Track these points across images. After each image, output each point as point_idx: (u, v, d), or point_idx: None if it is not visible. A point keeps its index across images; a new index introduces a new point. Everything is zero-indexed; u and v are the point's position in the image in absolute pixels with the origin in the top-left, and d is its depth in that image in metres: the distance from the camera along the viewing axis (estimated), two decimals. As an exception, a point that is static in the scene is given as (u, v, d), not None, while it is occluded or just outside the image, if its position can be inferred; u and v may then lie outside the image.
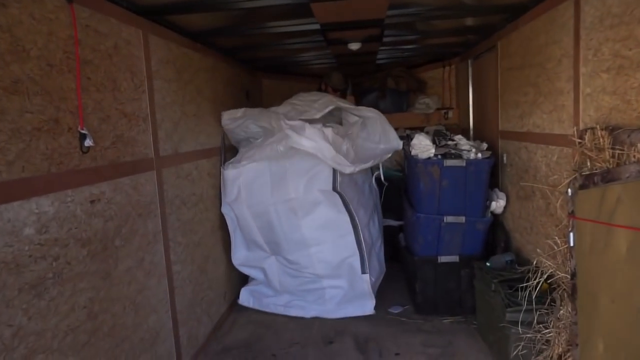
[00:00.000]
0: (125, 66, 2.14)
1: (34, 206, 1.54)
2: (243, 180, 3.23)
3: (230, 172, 3.22)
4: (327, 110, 3.30)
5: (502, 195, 3.22)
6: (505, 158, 3.25)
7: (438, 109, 4.62)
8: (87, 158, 1.82)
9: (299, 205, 3.15)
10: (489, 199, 3.21)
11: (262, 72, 4.83)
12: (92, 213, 1.84)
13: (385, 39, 3.42)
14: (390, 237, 3.97)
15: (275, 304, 3.41)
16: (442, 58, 4.76)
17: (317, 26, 2.92)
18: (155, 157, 2.38)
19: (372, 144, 3.33)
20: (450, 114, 4.59)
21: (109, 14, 2.02)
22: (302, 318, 3.33)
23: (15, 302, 1.44)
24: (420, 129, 4.39)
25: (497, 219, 3.31)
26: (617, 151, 1.66)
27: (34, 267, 1.52)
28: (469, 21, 3.22)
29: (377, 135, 3.34)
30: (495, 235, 3.29)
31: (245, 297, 3.50)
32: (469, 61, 4.19)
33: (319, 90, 4.39)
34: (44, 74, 1.61)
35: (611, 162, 1.70)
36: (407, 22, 3.02)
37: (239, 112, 3.29)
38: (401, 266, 3.95)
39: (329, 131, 3.03)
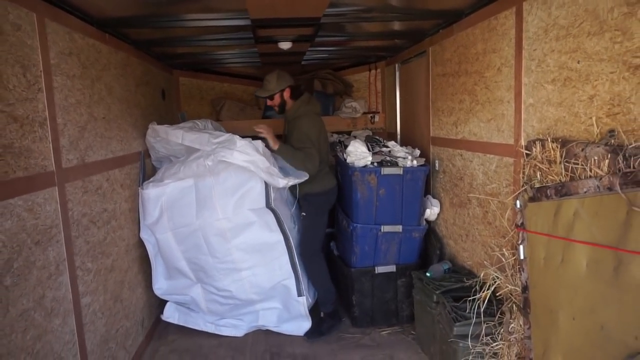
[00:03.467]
0: (14, 58, 1.71)
1: None
2: (166, 201, 2.86)
3: (152, 192, 2.84)
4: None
5: (435, 202, 3.22)
6: (437, 165, 3.25)
7: (365, 113, 4.57)
8: (-38, 176, 1.40)
9: (228, 226, 2.84)
10: (423, 207, 3.18)
11: (178, 70, 4.41)
12: (-30, 248, 1.42)
13: (317, 39, 3.25)
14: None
15: (205, 321, 3.10)
16: (367, 61, 4.73)
17: (247, 21, 2.65)
18: (56, 170, 1.96)
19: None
20: (377, 118, 4.57)
21: (-10, -9, 1.58)
22: (233, 338, 3.05)
23: None
24: (347, 133, 4.31)
25: (429, 226, 3.30)
26: (572, 165, 1.64)
27: None
28: (399, 25, 3.17)
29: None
30: (429, 242, 3.28)
31: (170, 312, 3.14)
32: (396, 65, 4.19)
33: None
34: None
35: (564, 175, 1.69)
36: (341, 22, 2.88)
37: (163, 131, 2.98)
38: (333, 275, 3.80)
39: (258, 143, 2.79)
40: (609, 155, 1.49)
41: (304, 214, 3.08)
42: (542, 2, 1.94)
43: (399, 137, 4.26)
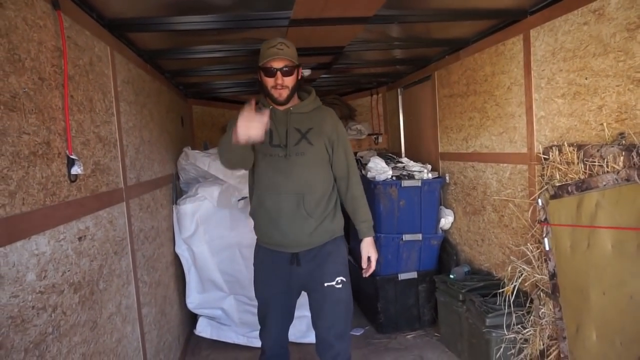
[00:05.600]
0: (98, 85, 1.91)
1: (34, 246, 1.27)
2: (201, 215, 3.03)
3: (188, 207, 3.01)
4: None
5: (449, 212, 3.48)
6: (447, 178, 3.53)
7: (369, 135, 4.87)
8: (74, 188, 1.57)
9: None
10: (438, 216, 3.44)
11: (192, 98, 4.63)
12: (80, 252, 1.57)
13: (334, 67, 3.54)
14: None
15: (237, 333, 3.21)
16: (368, 87, 5.06)
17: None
18: (124, 187, 2.13)
19: None
20: (380, 139, 4.86)
21: (84, 26, 1.79)
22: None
23: (21, 367, 1.16)
24: (354, 154, 4.57)
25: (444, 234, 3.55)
26: (589, 163, 1.93)
27: (36, 321, 1.25)
28: (405, 53, 3.49)
29: None
30: (444, 250, 3.52)
31: (203, 327, 3.24)
32: (399, 90, 4.52)
33: None
34: (37, 88, 1.37)
35: (583, 173, 1.97)
36: (360, 50, 3.18)
37: (193, 156, 3.25)
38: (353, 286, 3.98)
39: None
40: (623, 153, 1.78)
41: (343, 278, 2.00)
42: (548, 29, 2.27)
43: (403, 155, 4.55)
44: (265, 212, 1.99)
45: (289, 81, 1.93)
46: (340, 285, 1.99)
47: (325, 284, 1.98)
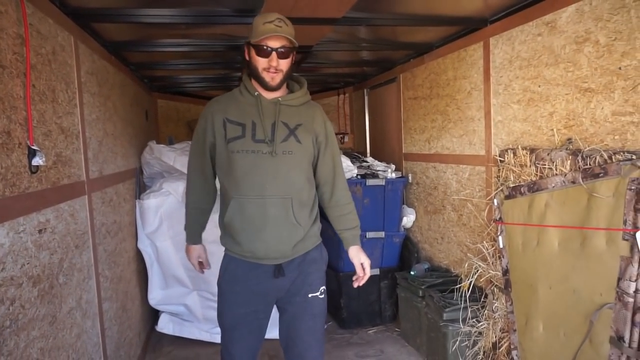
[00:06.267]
0: (61, 75, 1.87)
1: (-8, 238, 1.25)
2: (165, 210, 3.00)
3: (152, 202, 2.97)
4: None
5: (410, 211, 3.59)
6: (410, 177, 3.64)
7: (335, 134, 4.92)
8: (35, 180, 1.54)
9: None
10: (401, 215, 3.54)
11: (157, 92, 4.55)
12: (40, 245, 1.54)
13: (302, 65, 3.57)
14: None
15: (200, 329, 3.20)
16: (335, 87, 5.12)
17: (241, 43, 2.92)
18: (86, 180, 2.09)
19: None
20: (347, 138, 4.94)
21: (47, 14, 1.75)
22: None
23: (-23, 360, 1.14)
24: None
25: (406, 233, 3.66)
26: (540, 166, 2.05)
27: (-6, 313, 1.23)
28: (372, 55, 3.58)
29: None
30: (406, 248, 3.62)
31: (165, 323, 3.21)
32: (365, 90, 4.61)
33: None
34: (-2, 77, 1.34)
35: (534, 175, 2.10)
36: (328, 50, 3.23)
37: (158, 150, 3.20)
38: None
39: None
40: (570, 157, 1.91)
41: (324, 287, 1.84)
42: (506, 38, 2.40)
43: (368, 154, 4.65)
44: (246, 221, 1.68)
45: (285, 64, 1.66)
46: (323, 296, 1.81)
47: (310, 295, 1.77)
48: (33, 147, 1.49)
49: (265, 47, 1.62)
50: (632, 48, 1.71)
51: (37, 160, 1.52)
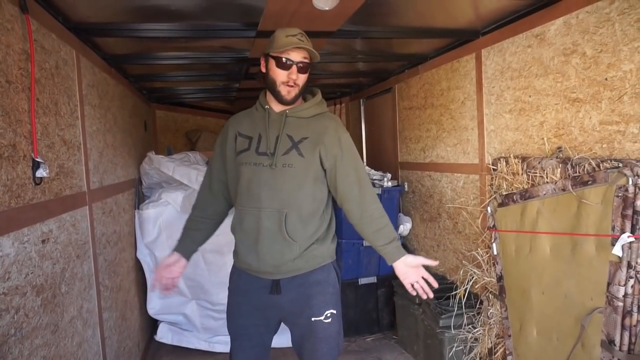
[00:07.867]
0: (64, 88, 1.92)
1: (-2, 247, 1.28)
2: (164, 220, 3.04)
3: (151, 212, 3.02)
4: None
5: (407, 219, 3.63)
6: (406, 186, 3.69)
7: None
8: (38, 191, 1.58)
9: (224, 241, 3.06)
10: (397, 223, 3.58)
11: (155, 103, 4.61)
12: (43, 254, 1.58)
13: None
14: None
15: (199, 339, 3.21)
16: (332, 97, 5.19)
17: (244, 56, 2.97)
18: (88, 191, 2.13)
19: None
20: (343, 148, 4.99)
21: (51, 29, 1.80)
22: (227, 355, 3.19)
23: (-16, 367, 1.17)
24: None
25: (402, 241, 3.70)
26: (532, 174, 2.10)
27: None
28: (368, 66, 3.65)
29: None
30: (402, 255, 3.66)
31: (164, 332, 3.22)
32: (361, 100, 4.67)
33: None
34: (4, 91, 1.38)
35: (526, 183, 2.15)
36: (325, 62, 3.29)
37: (157, 161, 3.24)
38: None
39: None
40: (560, 165, 1.96)
41: (334, 311, 1.76)
42: (497, 50, 2.46)
43: (365, 164, 4.70)
44: (244, 232, 1.72)
45: (302, 79, 1.65)
46: (329, 320, 1.71)
47: (313, 319, 1.69)
48: (37, 159, 1.54)
49: (285, 60, 1.61)
50: (617, 60, 1.77)
51: (41, 172, 1.56)
